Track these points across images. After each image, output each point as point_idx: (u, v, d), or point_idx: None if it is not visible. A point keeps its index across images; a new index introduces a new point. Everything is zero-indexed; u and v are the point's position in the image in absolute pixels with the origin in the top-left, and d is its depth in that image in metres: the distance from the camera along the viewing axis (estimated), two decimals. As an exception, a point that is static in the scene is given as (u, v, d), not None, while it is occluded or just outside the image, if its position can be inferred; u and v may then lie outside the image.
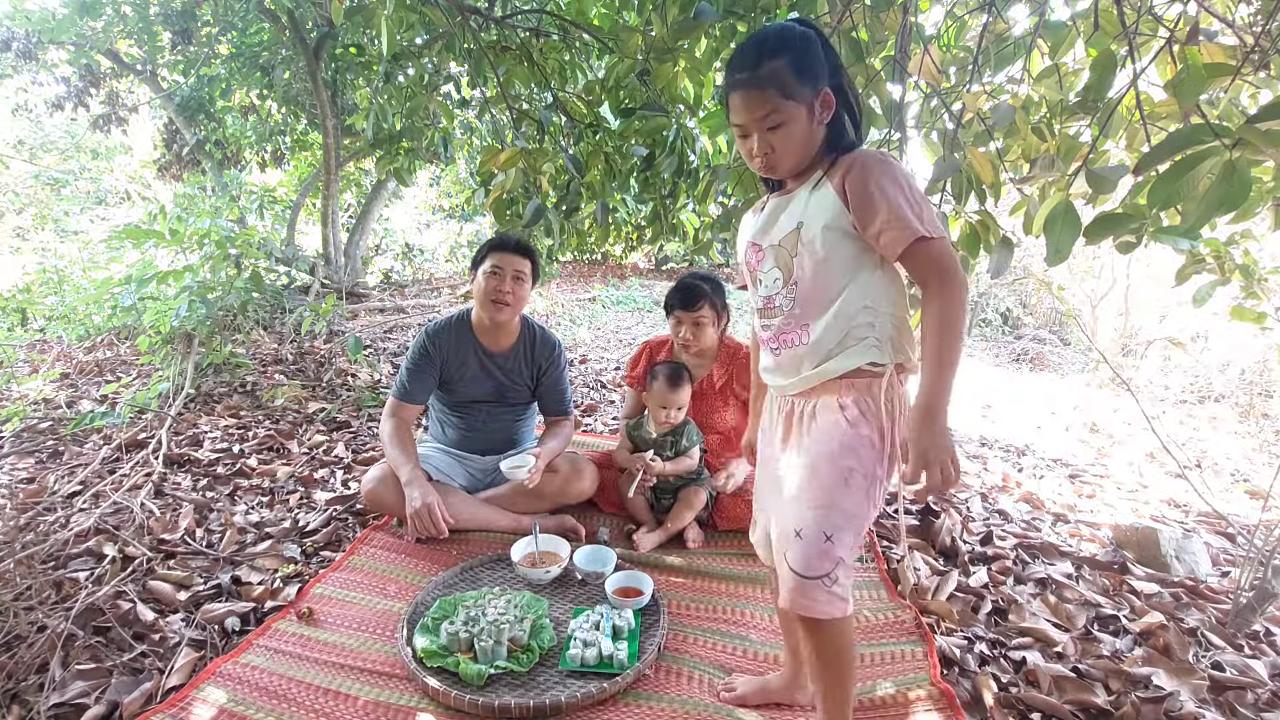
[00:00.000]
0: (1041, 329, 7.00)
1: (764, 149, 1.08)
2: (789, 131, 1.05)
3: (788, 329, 1.13)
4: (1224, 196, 0.96)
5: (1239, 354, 4.68)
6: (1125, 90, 1.33)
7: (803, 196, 1.11)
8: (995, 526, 2.21)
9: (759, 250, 1.17)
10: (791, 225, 1.11)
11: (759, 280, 1.18)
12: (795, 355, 1.13)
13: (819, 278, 1.09)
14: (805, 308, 1.11)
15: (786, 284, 1.12)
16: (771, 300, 1.15)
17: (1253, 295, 1.70)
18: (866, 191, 1.03)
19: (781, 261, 1.13)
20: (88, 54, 5.29)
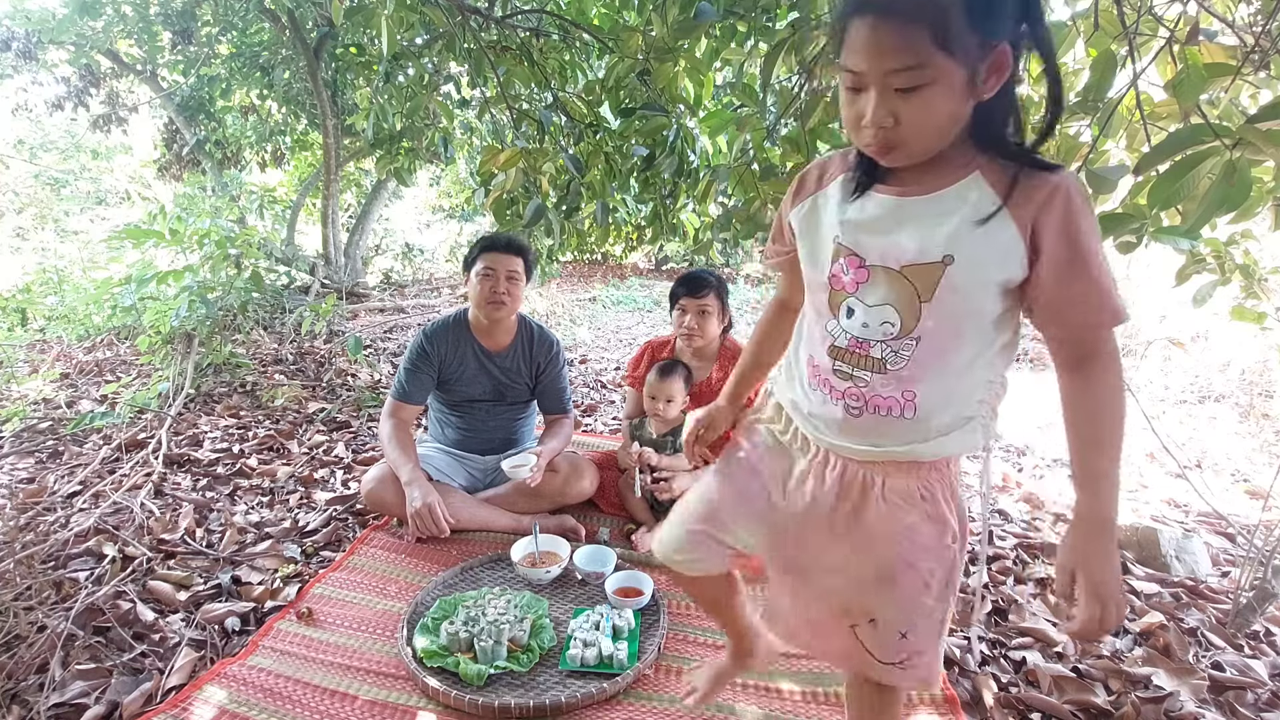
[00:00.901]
0: (1041, 329, 6.99)
1: (883, 117, 0.71)
2: (930, 100, 0.70)
3: (884, 392, 0.82)
4: (1224, 196, 0.97)
5: (1239, 354, 4.67)
6: (1125, 90, 1.33)
7: (953, 211, 0.76)
8: (995, 526, 2.21)
9: (861, 266, 0.82)
10: (933, 253, 0.76)
11: (845, 307, 0.84)
12: (883, 425, 0.84)
13: (954, 338, 0.80)
14: (919, 370, 0.81)
15: (903, 334, 0.80)
16: (866, 345, 0.82)
17: (1253, 295, 1.70)
18: (1077, 251, 0.73)
19: (902, 300, 0.79)
20: (88, 54, 5.29)
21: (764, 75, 1.67)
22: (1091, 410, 0.81)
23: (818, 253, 0.88)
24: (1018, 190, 0.74)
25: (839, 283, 0.84)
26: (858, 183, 0.84)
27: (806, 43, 1.57)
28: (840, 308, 0.85)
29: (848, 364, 0.85)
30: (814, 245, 0.89)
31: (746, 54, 1.94)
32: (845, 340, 0.85)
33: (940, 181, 0.78)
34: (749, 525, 0.99)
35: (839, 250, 0.84)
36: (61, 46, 5.28)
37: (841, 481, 0.89)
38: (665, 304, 2.32)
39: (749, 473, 0.99)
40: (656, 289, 8.68)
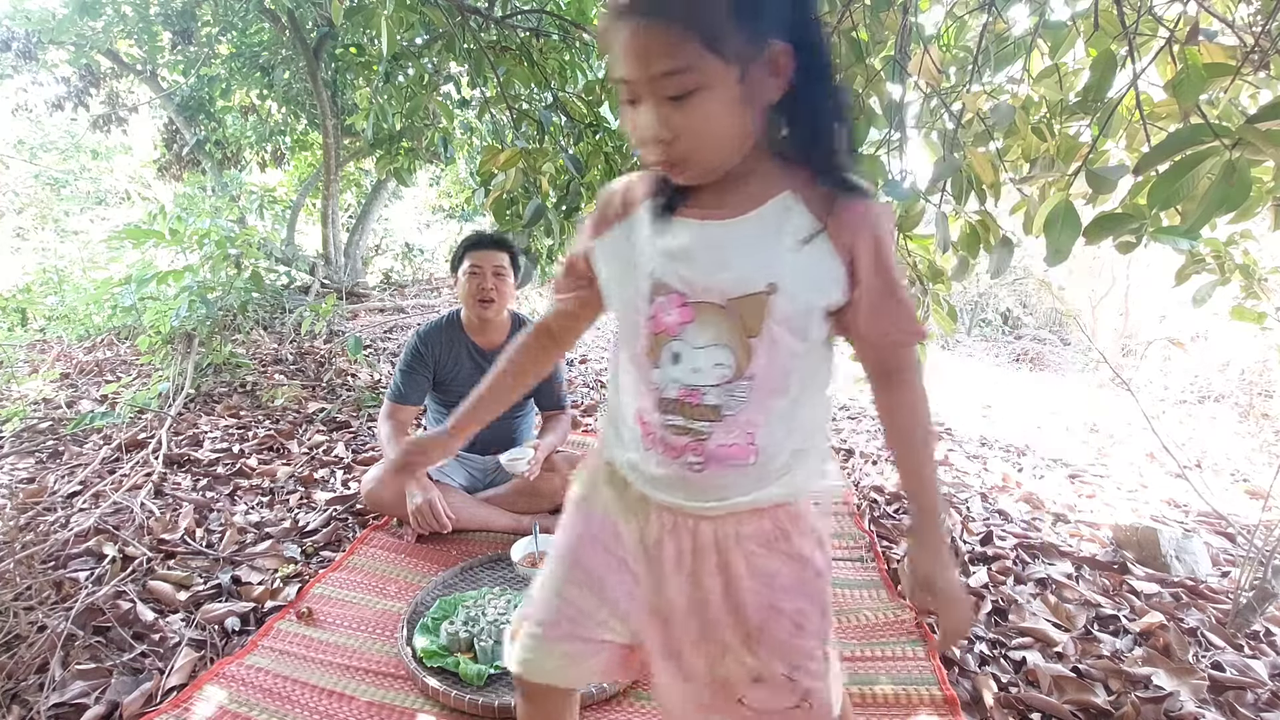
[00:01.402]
0: (1041, 329, 7.00)
1: (661, 129, 0.66)
2: (703, 107, 0.65)
3: (726, 441, 0.75)
4: (1224, 196, 0.96)
5: (1239, 354, 4.67)
6: (1125, 90, 1.33)
7: (770, 234, 0.71)
8: (995, 526, 2.21)
9: (684, 304, 0.73)
10: (756, 282, 0.70)
11: (669, 352, 0.74)
12: (728, 476, 0.76)
13: (786, 372, 0.74)
14: (757, 412, 0.75)
15: (738, 375, 0.73)
16: (699, 393, 0.74)
17: (1253, 295, 1.70)
18: (888, 276, 0.74)
19: (733, 337, 0.72)
20: (88, 54, 5.29)
21: (764, 75, 1.66)
22: (907, 417, 0.83)
23: (631, 291, 0.76)
24: (834, 212, 0.71)
25: (660, 325, 0.74)
26: (665, 206, 0.75)
27: (806, 43, 1.57)
28: (663, 353, 0.74)
29: (682, 417, 0.75)
30: (625, 282, 0.77)
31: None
32: (675, 390, 0.75)
33: (750, 201, 0.72)
34: (615, 610, 0.85)
35: (657, 287, 0.74)
36: (61, 46, 5.28)
37: (696, 542, 0.80)
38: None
39: (598, 550, 0.86)
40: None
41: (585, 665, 0.87)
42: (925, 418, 0.83)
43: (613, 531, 0.85)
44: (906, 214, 1.60)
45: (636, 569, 0.84)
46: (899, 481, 0.88)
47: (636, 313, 0.76)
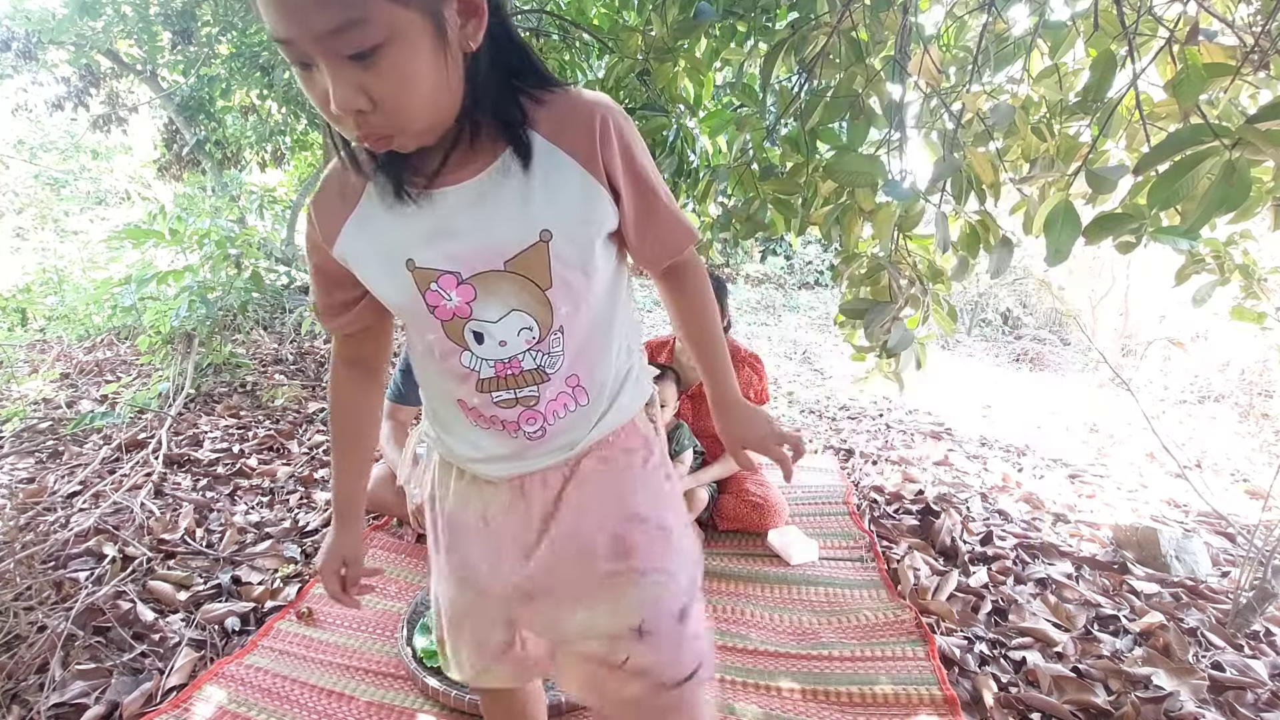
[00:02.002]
0: (1041, 329, 7.00)
1: (352, 97, 0.55)
2: (397, 65, 0.55)
3: (554, 395, 0.74)
4: (1224, 196, 0.96)
5: (1239, 354, 4.68)
6: (1125, 90, 1.33)
7: (526, 179, 0.65)
8: (995, 526, 2.21)
9: (461, 282, 0.67)
10: (529, 235, 0.65)
11: (470, 333, 0.70)
12: (566, 426, 0.76)
13: (590, 310, 0.72)
14: (577, 358, 0.73)
15: (548, 332, 0.70)
16: (516, 363, 0.71)
17: (1252, 295, 1.70)
18: (645, 183, 0.71)
19: (528, 299, 0.68)
20: (88, 54, 5.29)
21: (764, 75, 1.67)
22: (703, 317, 0.85)
23: (398, 286, 0.69)
24: (566, 128, 0.66)
25: (446, 311, 0.68)
26: (401, 183, 0.65)
27: (806, 43, 1.57)
28: (464, 336, 0.70)
29: (508, 389, 0.72)
30: (388, 279, 0.69)
31: (746, 54, 1.94)
32: (490, 369, 0.71)
33: (487, 154, 0.65)
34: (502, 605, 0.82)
35: (425, 275, 0.67)
36: (61, 46, 5.28)
37: (547, 492, 0.78)
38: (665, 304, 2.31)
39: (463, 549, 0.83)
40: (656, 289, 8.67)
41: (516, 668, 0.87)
42: (711, 301, 0.86)
43: (479, 527, 0.81)
44: (906, 214, 1.60)
45: (494, 553, 0.81)
46: (698, 364, 0.89)
47: (415, 306, 0.69)
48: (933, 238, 1.61)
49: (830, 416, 3.67)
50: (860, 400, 4.00)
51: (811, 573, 1.89)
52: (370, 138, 0.59)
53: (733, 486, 2.15)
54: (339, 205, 0.70)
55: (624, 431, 0.81)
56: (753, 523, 2.06)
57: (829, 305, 7.95)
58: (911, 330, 1.62)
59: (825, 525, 2.18)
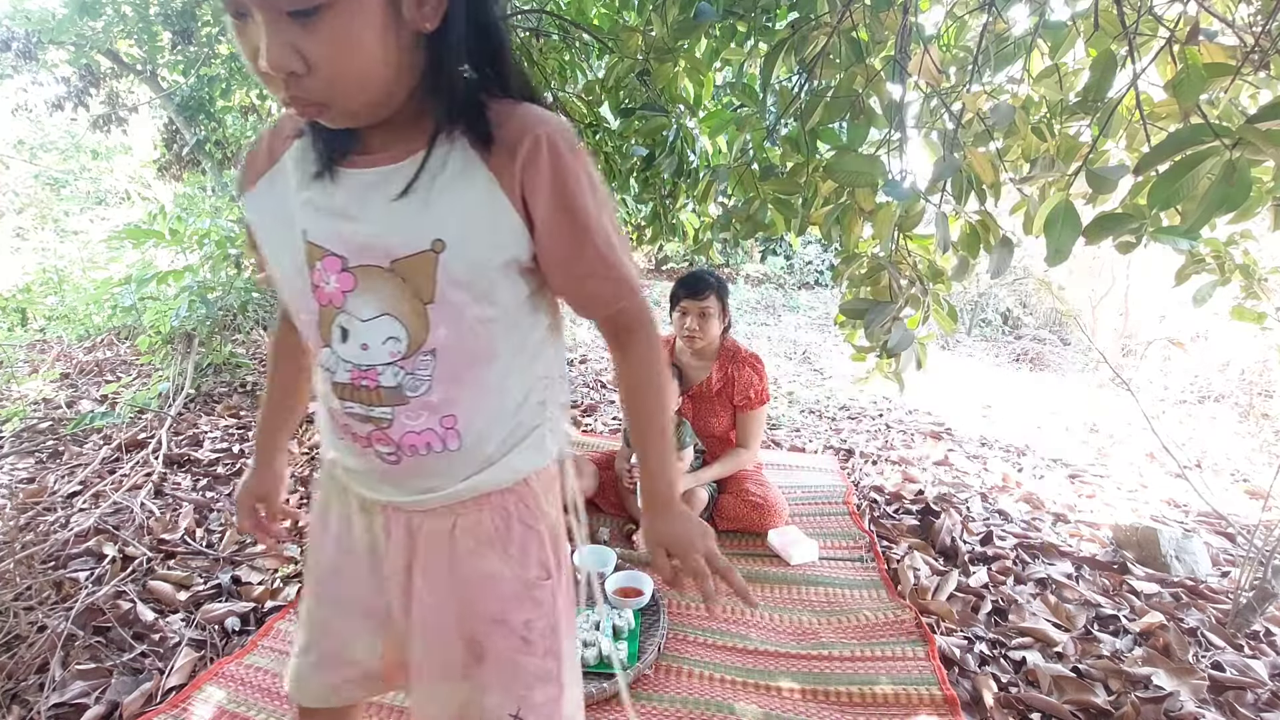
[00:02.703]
0: (1041, 329, 7.00)
1: (286, 57, 0.52)
2: (341, 29, 0.52)
3: (415, 426, 0.66)
4: (1224, 196, 0.96)
5: (1239, 354, 4.67)
6: (1125, 90, 1.33)
7: (431, 182, 0.60)
8: (995, 526, 2.21)
9: (343, 269, 0.62)
10: (419, 240, 0.60)
11: (338, 328, 0.64)
12: (427, 466, 0.68)
13: (479, 341, 0.65)
14: (451, 390, 0.65)
15: (415, 349, 0.63)
16: (373, 373, 0.64)
17: (1253, 295, 1.70)
18: (573, 217, 0.62)
19: (403, 306, 0.62)
20: (88, 54, 5.29)
21: (764, 75, 1.67)
22: (644, 390, 0.74)
23: (287, 256, 0.64)
24: (497, 145, 0.60)
25: (324, 295, 0.63)
26: (317, 153, 0.62)
27: (806, 43, 1.57)
28: (332, 329, 0.64)
29: (360, 403, 0.65)
30: (280, 246, 0.65)
31: (746, 54, 1.94)
32: (346, 372, 0.65)
33: (410, 145, 0.61)
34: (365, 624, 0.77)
35: (313, 250, 0.62)
36: (61, 46, 5.28)
37: (413, 540, 0.71)
38: (664, 304, 2.32)
39: (337, 559, 0.77)
40: (656, 289, 8.68)
41: (350, 689, 0.81)
42: (659, 375, 0.75)
43: (347, 535, 0.76)
44: (907, 214, 1.60)
45: (370, 575, 0.75)
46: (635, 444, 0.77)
47: (297, 282, 0.64)
48: (933, 238, 1.61)
49: (830, 416, 3.67)
50: (860, 400, 4.00)
51: (811, 573, 1.89)
52: (299, 102, 0.55)
53: (733, 486, 2.15)
54: (263, 159, 0.67)
55: (511, 498, 0.71)
56: (753, 523, 2.06)
57: (829, 305, 7.95)
58: (911, 330, 1.62)
59: (825, 525, 2.18)
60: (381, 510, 0.73)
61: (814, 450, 3.03)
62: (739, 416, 2.20)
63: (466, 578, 0.71)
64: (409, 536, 0.72)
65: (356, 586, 0.76)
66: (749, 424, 2.19)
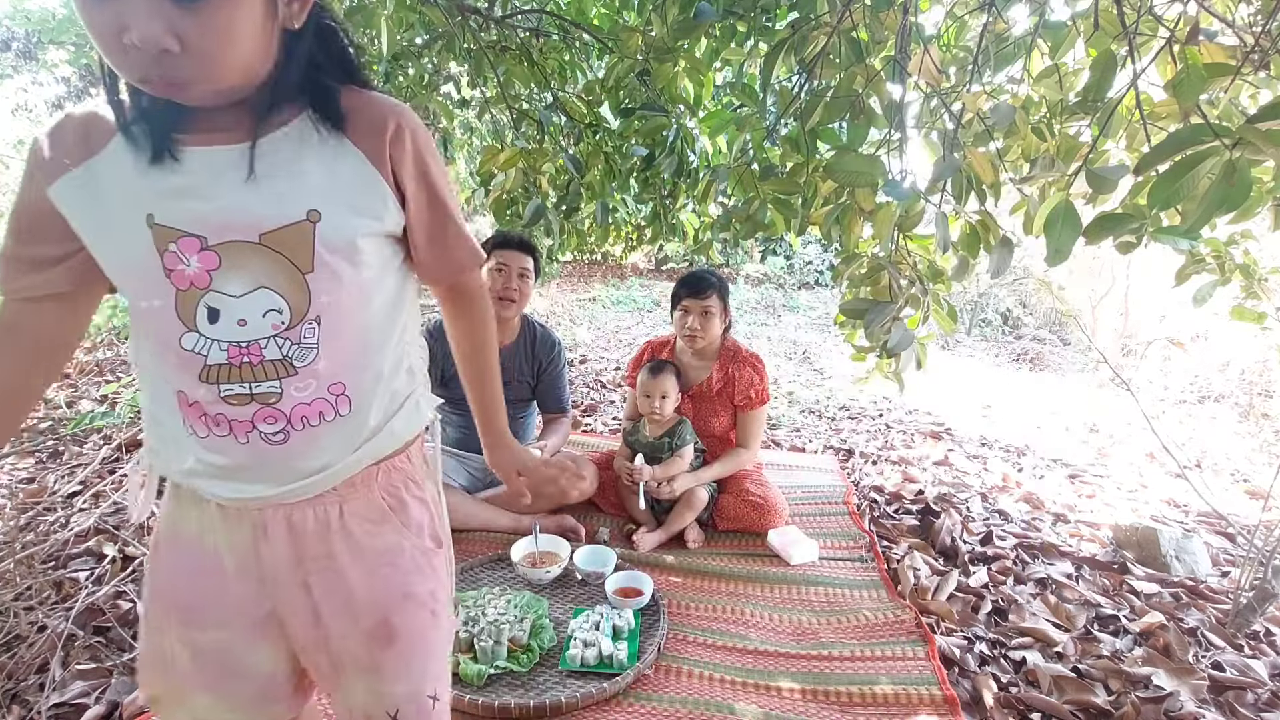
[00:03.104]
0: (1041, 329, 7.00)
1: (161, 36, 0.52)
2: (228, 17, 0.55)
3: (306, 397, 0.66)
4: (1224, 196, 0.96)
5: (1239, 354, 4.67)
6: (1125, 90, 1.33)
7: (300, 156, 0.64)
8: (995, 526, 2.21)
9: (204, 248, 0.62)
10: (294, 211, 0.62)
11: (204, 309, 0.63)
12: (320, 439, 0.68)
13: (362, 308, 0.68)
14: (338, 356, 0.67)
15: (299, 319, 0.64)
16: (256, 348, 0.64)
17: (1253, 295, 1.70)
18: (435, 194, 0.71)
19: (280, 278, 0.63)
20: (88, 54, 5.29)
21: (764, 75, 1.67)
22: (478, 332, 0.85)
23: (127, 246, 0.62)
24: (359, 123, 0.66)
25: (183, 278, 0.61)
26: (150, 135, 0.61)
27: (806, 43, 1.57)
28: (196, 312, 0.62)
29: (241, 381, 0.64)
30: (117, 234, 0.62)
31: (746, 54, 1.94)
32: (222, 353, 0.63)
33: (268, 123, 0.63)
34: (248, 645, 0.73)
35: (164, 233, 0.61)
36: (61, 46, 5.28)
37: (295, 538, 0.69)
38: (665, 304, 2.33)
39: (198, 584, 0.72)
40: (656, 289, 8.68)
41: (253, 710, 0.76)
42: (491, 330, 0.87)
43: (208, 554, 0.71)
44: (906, 214, 1.60)
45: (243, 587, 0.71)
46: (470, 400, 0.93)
47: (145, 271, 0.61)
48: (933, 238, 1.61)
49: (830, 416, 3.67)
50: (860, 400, 4.00)
51: (811, 573, 1.89)
52: (163, 80, 0.55)
53: (733, 486, 2.15)
54: (77, 146, 0.63)
55: (396, 472, 0.74)
56: (753, 523, 2.06)
57: (829, 305, 7.95)
58: (911, 330, 1.62)
59: (825, 525, 2.18)
60: (256, 512, 0.69)
61: (814, 450, 3.03)
62: (739, 416, 2.20)
63: (367, 559, 0.72)
64: (290, 534, 0.69)
65: (229, 605, 0.71)
66: (749, 424, 2.19)
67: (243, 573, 0.71)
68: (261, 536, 0.69)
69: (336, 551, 0.70)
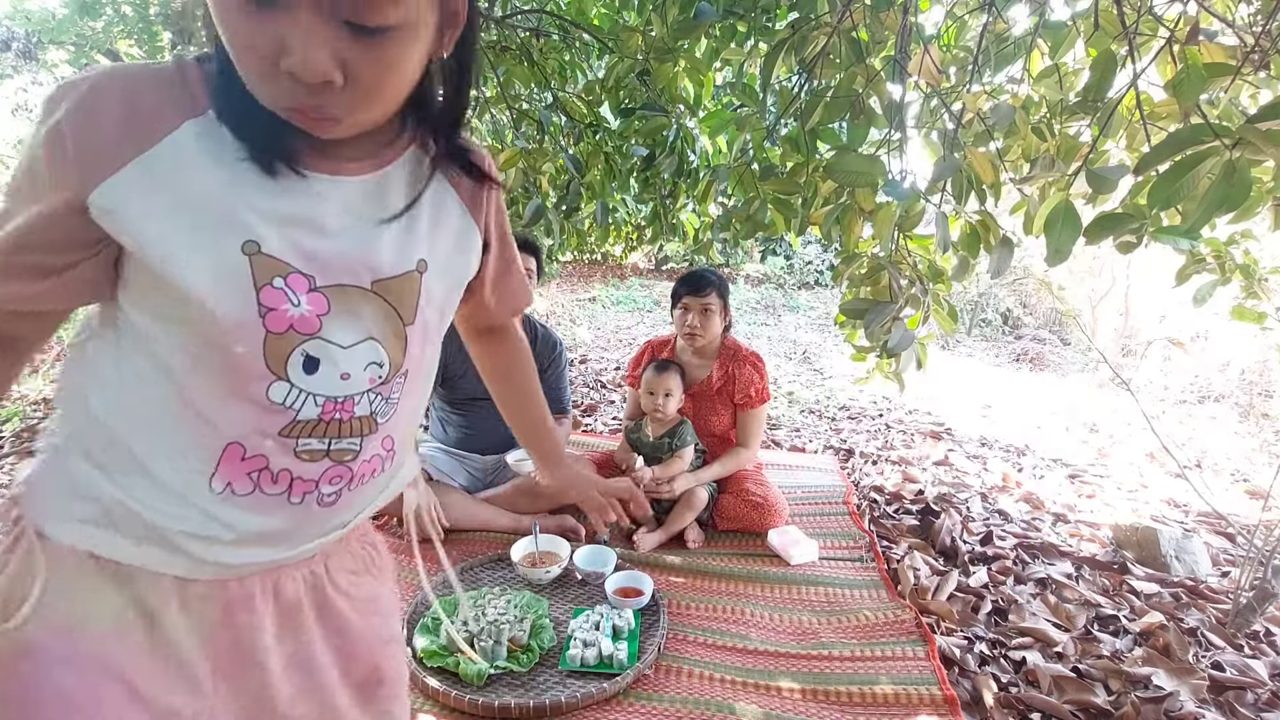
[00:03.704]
0: (1041, 329, 7.00)
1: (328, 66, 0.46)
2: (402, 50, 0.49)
3: (372, 453, 0.61)
4: (1224, 196, 0.96)
5: (1239, 354, 4.68)
6: (1125, 90, 1.33)
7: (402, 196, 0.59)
8: (995, 526, 2.21)
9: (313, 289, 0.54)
10: (408, 259, 0.59)
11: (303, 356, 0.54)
12: (363, 496, 0.64)
13: (431, 359, 0.66)
14: (406, 414, 0.64)
15: (393, 376, 0.60)
16: (350, 404, 0.57)
17: (1253, 295, 1.70)
18: (508, 244, 0.75)
19: (387, 329, 0.58)
20: (88, 54, 5.29)
21: (764, 75, 1.67)
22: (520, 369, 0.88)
23: (218, 269, 0.50)
24: (459, 173, 0.64)
25: (283, 319, 0.52)
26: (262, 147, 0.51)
27: (806, 43, 1.57)
28: (290, 360, 0.54)
29: (321, 438, 0.57)
30: (202, 256, 0.50)
31: (746, 54, 1.94)
32: (316, 408, 0.56)
33: (380, 153, 0.58)
34: None
35: (269, 266, 0.51)
36: (61, 46, 5.29)
37: (280, 600, 0.61)
38: (665, 304, 2.33)
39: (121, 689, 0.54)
40: (656, 289, 8.68)
41: None
42: (531, 364, 0.88)
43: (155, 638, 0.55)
44: (907, 214, 1.60)
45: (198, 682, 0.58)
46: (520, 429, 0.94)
47: (230, 306, 0.51)
48: (933, 238, 1.61)
49: (830, 416, 3.67)
50: (860, 400, 4.00)
51: (811, 573, 1.89)
52: (313, 113, 0.49)
53: (733, 486, 2.15)
54: (121, 136, 0.49)
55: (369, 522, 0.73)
56: (753, 522, 2.06)
57: (829, 305, 7.95)
58: (912, 330, 1.62)
59: (825, 525, 2.18)
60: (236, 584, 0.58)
61: (814, 450, 3.03)
62: (739, 415, 2.20)
63: (358, 610, 0.68)
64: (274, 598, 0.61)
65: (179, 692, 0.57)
66: (749, 423, 2.19)
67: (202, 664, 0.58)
68: (240, 610, 0.59)
69: (327, 606, 0.65)
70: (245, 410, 0.54)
